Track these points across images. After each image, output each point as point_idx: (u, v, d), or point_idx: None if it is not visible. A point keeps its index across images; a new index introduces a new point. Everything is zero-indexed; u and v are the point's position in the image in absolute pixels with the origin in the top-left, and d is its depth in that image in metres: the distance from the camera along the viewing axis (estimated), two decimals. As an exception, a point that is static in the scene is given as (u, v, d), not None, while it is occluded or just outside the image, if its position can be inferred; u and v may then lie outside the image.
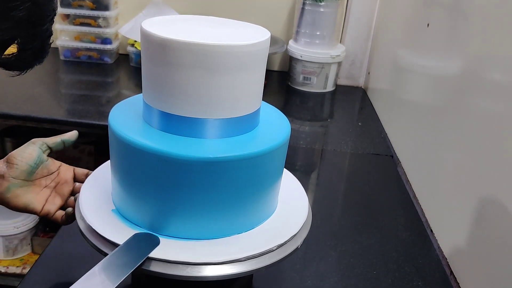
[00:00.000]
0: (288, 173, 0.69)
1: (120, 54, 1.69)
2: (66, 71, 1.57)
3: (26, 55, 0.43)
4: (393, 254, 0.84)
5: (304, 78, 1.56)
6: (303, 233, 0.59)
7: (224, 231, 0.56)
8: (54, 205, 0.66)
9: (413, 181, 1.04)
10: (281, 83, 1.64)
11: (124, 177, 0.56)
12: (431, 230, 0.90)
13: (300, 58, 1.53)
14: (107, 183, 0.62)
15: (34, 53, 0.44)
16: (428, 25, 1.03)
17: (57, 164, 0.68)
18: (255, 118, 0.58)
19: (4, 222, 1.50)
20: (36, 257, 0.99)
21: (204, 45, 0.49)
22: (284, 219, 0.60)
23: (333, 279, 0.76)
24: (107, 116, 0.57)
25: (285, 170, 0.66)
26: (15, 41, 0.42)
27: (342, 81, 1.67)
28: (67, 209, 0.65)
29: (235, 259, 0.53)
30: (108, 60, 1.61)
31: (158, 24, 0.54)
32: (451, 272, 0.79)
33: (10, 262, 1.54)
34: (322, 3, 1.49)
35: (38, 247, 1.58)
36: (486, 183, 0.72)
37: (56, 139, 0.67)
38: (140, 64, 0.56)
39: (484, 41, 0.78)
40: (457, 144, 0.83)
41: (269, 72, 1.63)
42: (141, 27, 0.53)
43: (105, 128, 0.57)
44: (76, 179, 0.69)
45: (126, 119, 0.56)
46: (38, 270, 0.73)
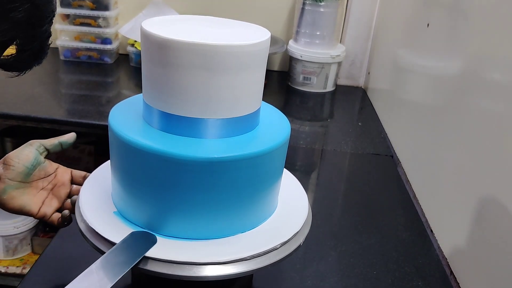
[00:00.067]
0: (288, 173, 0.69)
1: (120, 54, 1.69)
2: (66, 71, 1.57)
3: (25, 56, 0.43)
4: (393, 254, 0.84)
5: (304, 78, 1.56)
6: (303, 233, 0.59)
7: (224, 231, 0.56)
8: (51, 208, 0.66)
9: (413, 181, 1.04)
10: (281, 83, 1.64)
11: (124, 177, 0.56)
12: (431, 230, 0.90)
13: (300, 58, 1.53)
14: (107, 183, 0.62)
15: (33, 54, 0.44)
16: (428, 25, 1.03)
17: (54, 166, 0.68)
18: (255, 118, 0.58)
19: (4, 222, 1.50)
20: (36, 257, 0.99)
21: (205, 45, 0.49)
22: (284, 219, 0.60)
23: (333, 279, 0.76)
24: (107, 116, 0.57)
25: (285, 170, 0.66)
26: (14, 42, 0.42)
27: (342, 81, 1.67)
28: (63, 212, 0.65)
29: (236, 259, 0.53)
30: (108, 60, 1.61)
31: (158, 24, 0.54)
32: (451, 272, 0.79)
33: (10, 262, 1.54)
34: (322, 3, 1.49)
35: (38, 247, 1.58)
36: (486, 183, 0.72)
37: (54, 141, 0.66)
38: (140, 64, 0.56)
39: (484, 41, 0.78)
40: (457, 144, 0.83)
41: (269, 72, 1.63)
42: (141, 27, 0.53)
43: (105, 128, 0.57)
44: (74, 181, 0.69)
45: (126, 119, 0.56)
46: (38, 270, 0.73)
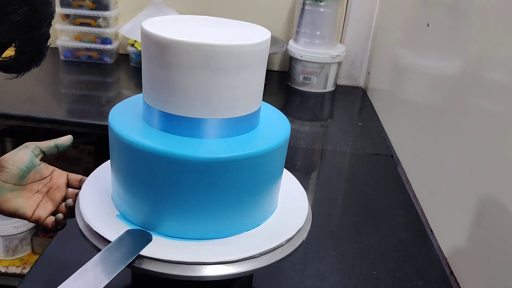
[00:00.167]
0: (288, 173, 0.69)
1: (120, 54, 1.69)
2: (66, 71, 1.57)
3: (24, 58, 0.43)
4: (393, 254, 0.84)
5: (304, 78, 1.56)
6: (303, 233, 0.59)
7: (224, 231, 0.56)
8: (45, 211, 0.64)
9: (413, 181, 1.04)
10: (281, 83, 1.64)
11: (124, 177, 0.56)
12: (431, 230, 0.90)
13: (300, 58, 1.53)
14: (107, 183, 0.62)
15: (32, 56, 0.44)
16: (428, 25, 1.03)
17: (50, 169, 0.67)
18: (255, 118, 0.58)
19: (4, 222, 1.50)
20: (36, 257, 0.99)
21: (205, 45, 0.49)
22: (284, 219, 0.60)
23: (333, 279, 0.76)
24: (107, 116, 0.57)
25: (285, 170, 0.66)
26: (13, 44, 0.42)
27: (342, 81, 1.67)
28: (57, 215, 0.64)
29: (235, 259, 0.53)
30: (108, 60, 1.61)
31: (158, 24, 0.54)
32: (451, 272, 0.79)
33: (10, 262, 1.54)
34: (322, 3, 1.49)
35: (38, 247, 1.58)
36: (486, 183, 0.72)
37: (50, 143, 0.65)
38: (140, 64, 0.56)
39: (484, 41, 0.78)
40: (457, 144, 0.83)
41: (269, 72, 1.63)
42: (141, 27, 0.53)
43: (105, 128, 0.57)
44: (70, 185, 0.68)
45: (126, 119, 0.56)
46: (38, 270, 0.73)
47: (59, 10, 1.54)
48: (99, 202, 0.60)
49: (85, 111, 1.24)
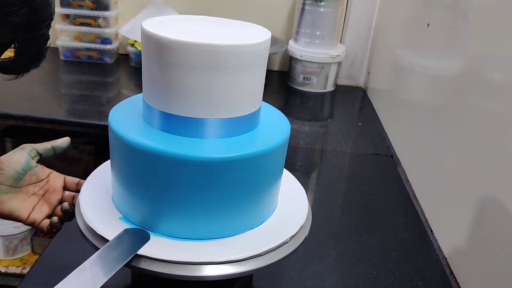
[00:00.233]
0: (288, 173, 0.69)
1: (120, 54, 1.69)
2: (66, 71, 1.57)
3: (23, 59, 0.43)
4: (393, 254, 0.84)
5: (304, 78, 1.56)
6: (303, 233, 0.59)
7: (224, 231, 0.56)
8: (41, 214, 0.64)
9: (413, 181, 1.04)
10: (281, 83, 1.64)
11: (125, 177, 0.56)
12: (431, 230, 0.90)
13: (300, 58, 1.53)
14: (107, 183, 0.62)
15: (31, 57, 0.44)
16: (428, 25, 1.03)
17: (47, 172, 0.66)
18: (255, 118, 0.58)
19: (4, 222, 1.49)
20: (36, 257, 0.99)
21: (205, 45, 0.49)
22: (284, 219, 0.60)
23: (333, 279, 0.76)
24: (107, 116, 0.57)
25: (285, 170, 0.66)
26: (12, 45, 0.42)
27: (342, 81, 1.67)
28: (52, 218, 0.64)
29: (235, 259, 0.53)
30: (108, 60, 1.61)
31: (159, 24, 0.54)
32: (451, 272, 0.79)
33: (10, 262, 1.54)
34: (322, 3, 1.49)
35: (38, 247, 1.58)
36: (486, 183, 0.72)
37: (47, 145, 0.65)
38: (140, 64, 0.56)
39: (484, 41, 0.78)
40: (457, 144, 0.83)
41: (269, 72, 1.63)
42: (142, 27, 0.53)
43: (105, 128, 0.57)
44: (67, 188, 0.67)
45: (126, 119, 0.56)
46: (38, 270, 0.73)
47: (59, 10, 1.54)
48: (99, 202, 0.60)
49: (85, 111, 1.24)
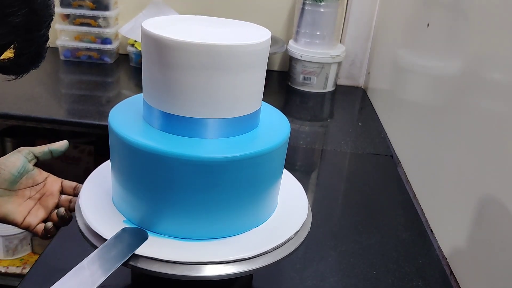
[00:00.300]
0: (288, 173, 0.69)
1: (120, 54, 1.69)
2: (66, 71, 1.57)
3: (23, 60, 0.43)
4: (393, 254, 0.84)
5: (304, 78, 1.56)
6: (303, 233, 0.59)
7: (224, 231, 0.56)
8: (37, 218, 0.63)
9: (413, 181, 1.04)
10: (281, 83, 1.64)
11: (125, 177, 0.56)
12: (431, 230, 0.90)
13: (300, 58, 1.53)
14: (107, 183, 0.62)
15: (31, 58, 0.44)
16: (428, 25, 1.03)
17: (44, 175, 0.66)
18: (255, 118, 0.58)
19: (4, 222, 1.50)
20: (36, 257, 0.99)
21: (205, 45, 0.49)
22: (284, 219, 0.60)
23: (333, 279, 0.76)
24: (107, 116, 0.57)
25: (285, 170, 0.66)
26: (12, 46, 0.42)
27: (342, 81, 1.67)
28: (46, 224, 0.63)
29: (235, 259, 0.53)
30: (108, 60, 1.61)
31: (159, 24, 0.54)
32: (451, 272, 0.79)
33: (10, 262, 1.54)
34: (322, 3, 1.49)
35: (38, 247, 1.58)
36: (486, 183, 0.72)
37: (44, 148, 0.65)
38: (140, 64, 0.56)
39: (484, 41, 0.78)
40: (457, 144, 0.83)
41: (269, 72, 1.63)
42: (142, 27, 0.53)
43: (105, 128, 0.57)
44: (63, 192, 0.67)
45: (126, 119, 0.56)
46: (38, 270, 0.73)
47: (59, 10, 1.54)
48: (99, 202, 0.60)
49: (85, 111, 1.24)
